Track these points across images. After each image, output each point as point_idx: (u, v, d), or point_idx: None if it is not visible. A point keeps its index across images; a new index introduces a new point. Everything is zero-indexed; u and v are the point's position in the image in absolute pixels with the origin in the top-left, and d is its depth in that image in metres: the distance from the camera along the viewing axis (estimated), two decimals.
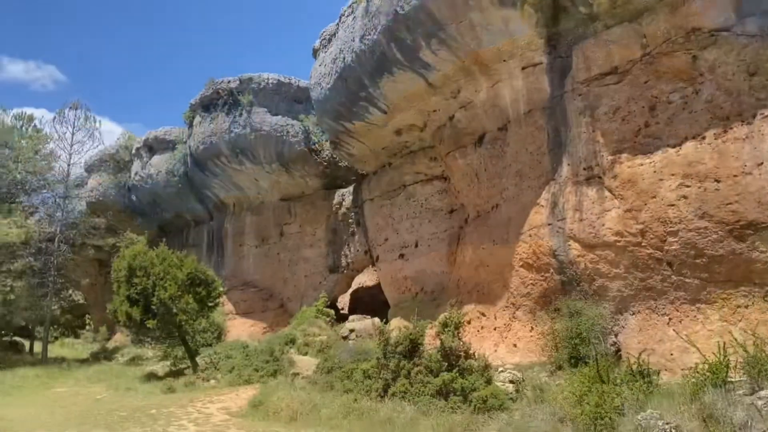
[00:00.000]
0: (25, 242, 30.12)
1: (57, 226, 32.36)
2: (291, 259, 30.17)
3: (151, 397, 17.09)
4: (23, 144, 33.75)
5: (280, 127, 27.43)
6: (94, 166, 37.18)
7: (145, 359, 27.61)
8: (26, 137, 34.26)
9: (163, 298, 19.35)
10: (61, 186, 33.64)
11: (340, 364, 15.95)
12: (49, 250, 31.76)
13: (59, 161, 34.14)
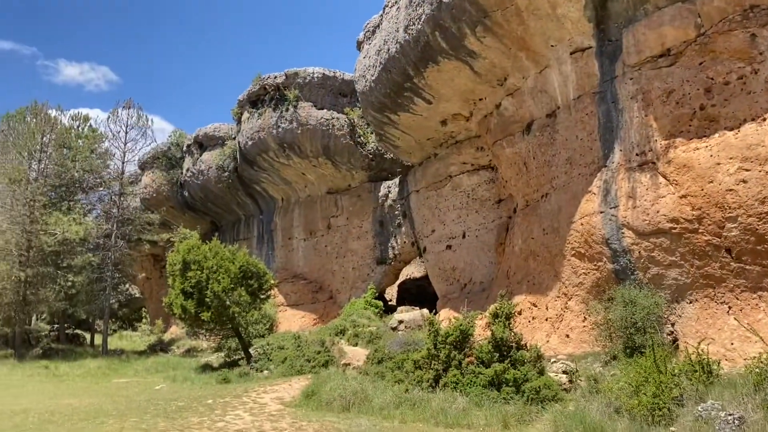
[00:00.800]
0: (84, 239, 31.27)
1: (113, 222, 33.48)
2: (338, 251, 30.44)
3: (207, 387, 17.53)
4: (80, 143, 35.05)
5: (325, 121, 27.64)
6: (147, 163, 38.24)
7: (200, 351, 28.36)
8: (83, 137, 35.55)
9: (216, 290, 19.78)
10: (117, 183, 34.79)
11: (390, 354, 16.04)
12: (107, 245, 32.90)
13: (114, 159, 35.36)
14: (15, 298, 29.03)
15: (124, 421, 11.99)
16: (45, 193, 31.59)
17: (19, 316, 29.81)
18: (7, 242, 28.93)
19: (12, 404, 15.87)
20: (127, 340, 40.19)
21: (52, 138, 32.94)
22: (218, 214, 37.69)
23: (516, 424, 10.40)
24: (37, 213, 30.08)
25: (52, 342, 32.90)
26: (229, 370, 19.80)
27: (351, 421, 11.11)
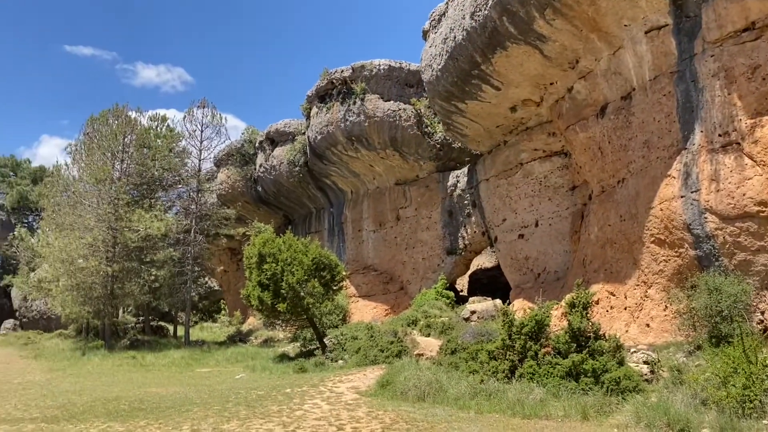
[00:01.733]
0: (165, 234, 32.70)
1: (192, 218, 34.83)
2: (408, 242, 30.52)
3: (285, 376, 17.99)
4: (159, 143, 36.53)
5: (392, 113, 27.70)
6: (222, 160, 39.49)
7: (276, 341, 29.11)
8: (161, 136, 37.04)
9: (291, 282, 20.23)
10: (194, 180, 36.13)
11: (463, 345, 15.99)
12: (186, 240, 34.27)
13: (191, 157, 36.69)
14: (103, 292, 30.70)
15: (208, 409, 12.49)
16: (128, 191, 33.17)
17: (107, 309, 31.51)
18: (95, 239, 30.58)
19: (105, 392, 16.83)
20: (208, 332, 41.72)
21: (133, 139, 34.50)
22: (290, 207, 38.51)
23: (596, 415, 10.18)
24: (121, 211, 31.62)
25: (138, 333, 34.59)
26: (306, 360, 20.23)
27: (426, 410, 11.16)
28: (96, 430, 10.94)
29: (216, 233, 37.96)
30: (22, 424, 12.10)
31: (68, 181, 35.00)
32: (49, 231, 34.88)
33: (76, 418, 12.41)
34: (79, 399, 15.53)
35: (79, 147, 35.15)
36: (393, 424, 10.14)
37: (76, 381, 20.51)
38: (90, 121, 34.99)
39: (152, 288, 33.72)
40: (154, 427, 10.90)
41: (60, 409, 14.05)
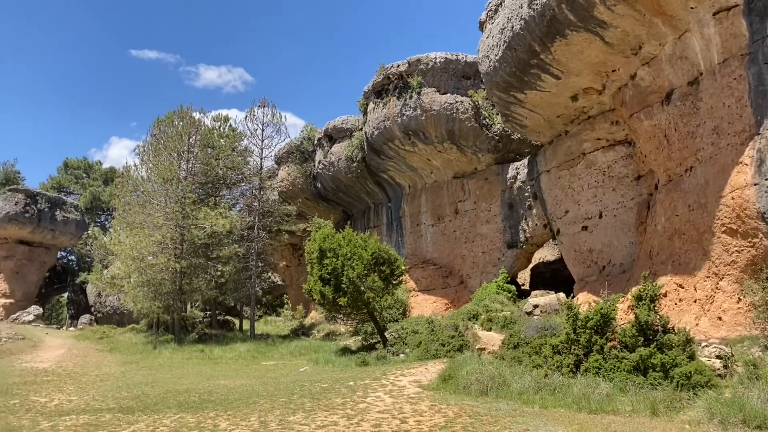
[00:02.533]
0: (229, 231, 33.65)
1: (255, 215, 35.71)
2: (467, 236, 30.31)
3: (347, 369, 18.23)
4: (222, 143, 37.57)
5: (449, 105, 27.52)
6: (282, 158, 40.21)
7: (338, 334, 29.50)
8: (224, 136, 38.09)
9: (351, 277, 20.45)
10: (256, 178, 37.04)
11: (526, 339, 15.81)
12: (250, 237, 35.16)
13: (253, 156, 37.61)
14: (173, 288, 31.84)
15: (274, 401, 12.81)
16: (193, 190, 34.25)
17: (176, 304, 32.68)
18: (164, 237, 31.74)
19: (176, 384, 17.48)
20: (272, 325, 42.66)
21: (198, 139, 35.60)
22: (349, 203, 38.87)
23: (665, 410, 9.89)
24: (188, 209, 32.70)
25: (205, 328, 35.69)
26: (367, 354, 20.43)
27: (490, 405, 11.11)
28: (169, 420, 11.37)
29: (278, 229, 38.76)
30: (100, 414, 12.72)
31: (137, 182, 36.42)
32: (121, 229, 36.38)
33: (150, 409, 12.95)
34: (152, 391, 16.19)
35: (147, 148, 36.51)
36: (456, 418, 10.15)
37: (148, 373, 21.38)
38: (156, 122, 36.29)
39: (218, 283, 34.76)
40: (223, 418, 11.26)
41: (134, 400, 14.70)
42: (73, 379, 20.77)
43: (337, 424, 10.14)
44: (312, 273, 22.21)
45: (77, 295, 51.78)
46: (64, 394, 16.71)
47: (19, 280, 52.23)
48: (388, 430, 9.66)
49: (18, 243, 52.07)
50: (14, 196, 50.73)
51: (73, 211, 55.30)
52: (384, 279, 21.60)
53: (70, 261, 66.94)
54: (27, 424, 11.94)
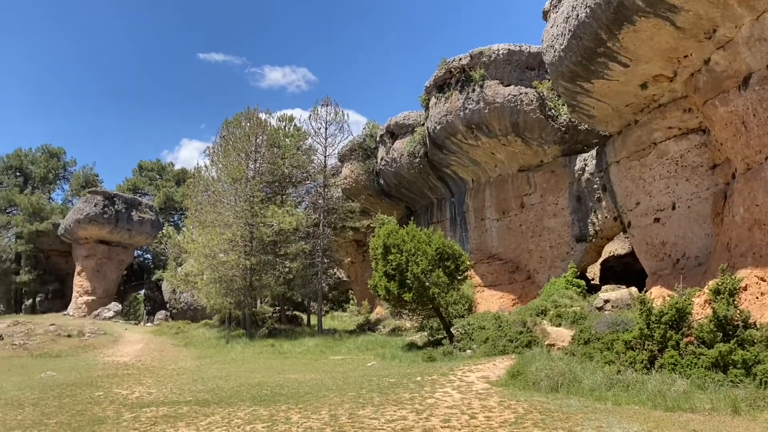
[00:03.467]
0: (296, 228, 34.37)
1: (320, 212, 36.32)
2: (534, 230, 29.79)
3: (414, 365, 18.29)
4: (287, 142, 38.36)
5: (513, 97, 27.10)
6: (345, 155, 40.66)
7: (403, 330, 29.63)
8: (289, 136, 38.89)
9: (416, 272, 20.48)
10: (321, 176, 37.68)
11: (597, 335, 15.45)
12: (316, 234, 35.79)
13: (317, 154, 38.25)
14: (243, 284, 32.81)
15: (344, 395, 13.01)
16: (261, 189, 35.16)
17: (247, 300, 33.65)
18: (234, 234, 32.73)
19: (249, 378, 18.01)
20: (338, 321, 43.26)
21: (264, 139, 36.50)
22: (412, 199, 38.90)
23: (748, 409, 9.47)
24: (256, 207, 33.60)
25: (275, 323, 36.59)
26: (433, 349, 20.43)
27: (560, 401, 10.92)
28: (243, 413, 11.73)
29: (342, 226, 39.28)
30: (178, 406, 13.25)
31: (208, 182, 37.66)
32: (193, 228, 37.73)
33: (224, 402, 13.40)
34: (226, 384, 16.74)
35: (217, 149, 37.71)
36: (526, 414, 10.03)
37: (222, 367, 22.12)
38: (225, 124, 37.44)
39: (286, 279, 35.57)
40: (294, 411, 11.52)
41: (210, 393, 15.23)
42: (151, 372, 21.73)
43: (406, 419, 10.21)
44: (377, 269, 22.36)
45: (153, 292, 54.00)
46: (144, 386, 17.50)
47: (100, 278, 54.94)
48: (458, 425, 9.65)
49: (98, 243, 54.79)
50: (93, 198, 53.40)
51: (148, 211, 57.69)
52: (449, 274, 21.53)
53: (146, 259, 69.99)
54: (111, 415, 12.57)
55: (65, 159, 68.68)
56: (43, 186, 65.34)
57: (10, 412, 13.31)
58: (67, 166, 68.64)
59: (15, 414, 13.11)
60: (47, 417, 12.57)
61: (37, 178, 65.16)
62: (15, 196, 59.91)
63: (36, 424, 11.72)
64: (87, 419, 12.13)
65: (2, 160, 64.56)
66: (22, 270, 57.80)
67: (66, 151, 68.90)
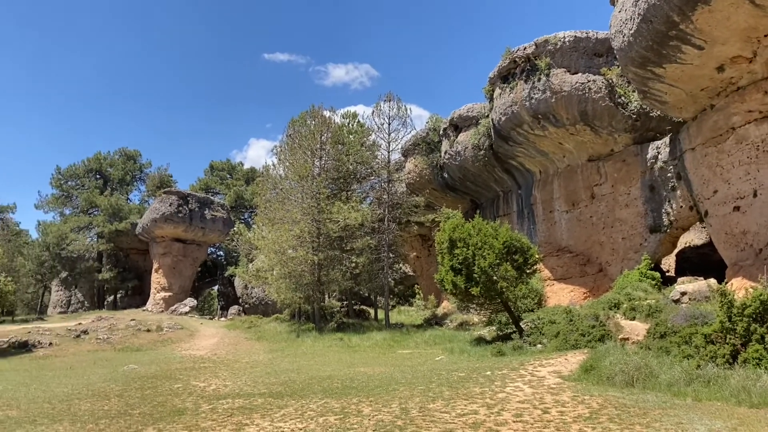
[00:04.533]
0: (361, 224, 34.74)
1: (384, 207, 36.55)
2: (605, 221, 28.96)
3: (483, 359, 18.20)
4: (351, 138, 38.75)
5: (580, 85, 26.39)
6: (409, 150, 40.68)
7: (471, 324, 29.46)
8: (353, 132, 39.25)
9: (483, 266, 20.32)
10: (385, 171, 37.88)
11: (674, 328, 14.93)
12: (381, 229, 36.05)
13: (380, 150, 38.49)
14: (312, 279, 33.45)
15: (413, 389, 13.09)
16: (327, 185, 35.74)
17: (316, 295, 34.29)
18: (302, 231, 33.39)
19: (319, 371, 18.38)
20: (405, 315, 43.45)
21: (329, 136, 37.04)
22: (477, 192, 38.53)
23: None
24: (322, 204, 34.17)
25: (343, 317, 37.12)
26: (503, 344, 20.25)
27: (637, 396, 10.63)
28: (315, 405, 12.00)
29: (407, 221, 39.39)
30: (253, 398, 13.68)
31: (276, 180, 38.58)
32: (263, 225, 38.74)
33: (297, 394, 13.73)
34: (298, 377, 17.14)
35: (283, 148, 38.58)
36: (601, 410, 9.82)
37: (293, 360, 22.65)
38: (291, 123, 38.23)
39: (353, 274, 36.01)
40: (365, 404, 11.69)
41: (282, 385, 15.64)
42: (226, 365, 22.49)
43: (477, 413, 10.18)
44: (443, 263, 22.31)
45: (226, 288, 55.76)
46: (220, 379, 18.14)
47: (176, 274, 57.19)
48: (530, 420, 9.56)
49: (173, 241, 57.06)
50: (168, 198, 55.66)
51: (219, 209, 59.61)
52: (517, 268, 21.25)
53: (219, 256, 72.35)
54: (190, 406, 13.11)
55: (141, 161, 71.94)
56: (121, 187, 68.61)
57: (98, 403, 14.09)
58: (143, 167, 71.87)
59: (102, 404, 13.86)
60: (131, 408, 13.22)
61: (115, 180, 68.48)
62: (96, 197, 63.17)
63: (121, 414, 12.36)
64: (168, 410, 12.69)
65: (83, 164, 68.19)
66: (104, 268, 60.89)
67: (141, 154, 72.15)
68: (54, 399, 14.73)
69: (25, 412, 12.82)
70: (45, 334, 33.46)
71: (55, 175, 67.10)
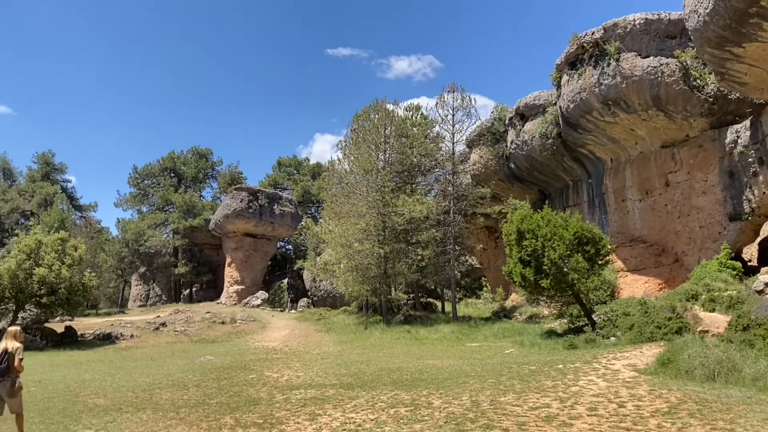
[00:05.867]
0: (426, 216, 34.72)
1: (450, 199, 36.39)
2: (680, 209, 27.83)
3: (554, 352, 17.88)
4: (415, 131, 38.71)
5: (653, 69, 25.41)
6: (473, 141, 40.30)
7: (541, 317, 29.00)
8: (416, 124, 39.20)
9: (553, 258, 19.96)
10: (449, 163, 37.71)
11: (758, 320, 14.25)
12: (446, 221, 35.93)
13: (445, 141, 38.28)
14: (378, 272, 33.72)
15: (483, 381, 13.02)
16: (391, 179, 35.86)
17: (382, 288, 34.56)
18: (367, 224, 33.70)
19: (388, 363, 18.53)
20: (472, 308, 43.19)
21: (392, 130, 37.12)
22: (545, 182, 37.78)
23: None
24: (387, 197, 34.33)
25: (410, 309, 37.26)
26: (574, 337, 19.83)
27: (719, 391, 10.22)
28: (385, 397, 12.11)
29: (473, 212, 39.07)
30: (324, 389, 13.94)
31: (341, 174, 39.03)
32: (329, 219, 39.32)
33: (367, 386, 13.90)
34: (367, 369, 17.33)
35: (348, 142, 38.97)
36: (680, 404, 9.50)
37: (362, 352, 22.91)
38: (355, 117, 38.59)
39: (419, 267, 36.05)
40: (435, 396, 11.72)
41: (353, 377, 15.87)
42: (297, 356, 23.00)
43: (549, 407, 10.04)
44: (511, 255, 22.05)
45: (295, 281, 56.93)
46: (292, 370, 18.57)
47: (248, 268, 58.88)
48: (605, 413, 9.34)
49: (245, 236, 58.76)
50: (239, 194, 57.34)
51: (288, 204, 60.94)
52: (589, 259, 20.76)
53: (288, 250, 73.98)
54: (264, 396, 13.49)
55: (212, 159, 74.28)
56: (194, 185, 71.19)
57: (177, 392, 14.70)
58: (214, 165, 74.30)
59: (181, 394, 14.46)
60: (208, 397, 13.73)
61: (188, 178, 71.10)
62: (171, 195, 65.79)
63: (199, 404, 12.86)
64: (243, 400, 13.11)
65: (159, 163, 71.14)
66: (180, 263, 63.37)
67: (213, 152, 74.52)
68: (137, 388, 15.48)
69: (111, 401, 13.53)
70: (126, 326, 35.20)
71: (133, 175, 70.35)
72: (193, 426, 10.35)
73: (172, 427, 10.29)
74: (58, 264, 29.67)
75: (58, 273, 29.29)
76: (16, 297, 29.21)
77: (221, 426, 10.21)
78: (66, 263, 30.19)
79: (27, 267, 29.10)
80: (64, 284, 29.43)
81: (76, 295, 30.37)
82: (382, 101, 37.66)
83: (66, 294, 29.58)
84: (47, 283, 29.03)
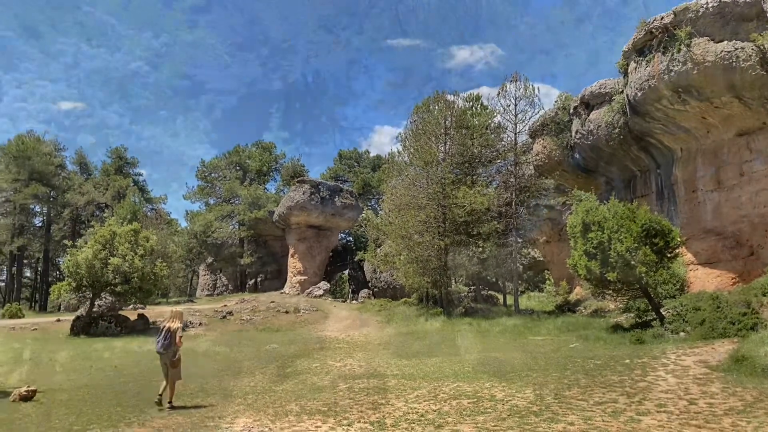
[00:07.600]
0: (488, 208, 34.43)
1: (512, 191, 35.96)
2: (756, 201, 26.53)
3: (621, 347, 17.47)
4: (475, 122, 38.38)
5: (726, 54, 24.26)
6: (536, 131, 39.54)
7: (606, 311, 28.34)
8: (477, 115, 38.84)
9: (619, 251, 19.46)
10: (511, 154, 37.23)
11: None
12: (508, 213, 35.54)
13: (506, 132, 37.79)
14: (438, 264, 33.73)
15: (547, 375, 12.89)
16: (452, 170, 35.69)
17: (443, 279, 34.53)
18: (428, 216, 33.72)
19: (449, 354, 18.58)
20: (535, 301, 42.63)
21: (453, 121, 36.90)
22: (611, 172, 36.72)
23: None
24: (448, 189, 34.22)
25: (470, 302, 37.08)
26: (642, 331, 19.31)
27: None
28: (448, 388, 12.17)
29: (536, 204, 38.43)
30: (387, 379, 14.12)
31: (401, 166, 39.12)
32: (390, 211, 39.50)
33: (429, 377, 14.01)
34: (429, 360, 17.46)
35: (407, 134, 38.99)
36: (756, 402, 9.15)
37: (423, 344, 23.04)
38: (415, 109, 38.58)
39: (480, 259, 35.81)
40: (498, 389, 11.70)
41: (414, 367, 16.01)
42: (359, 346, 23.32)
43: (616, 402, 9.86)
44: (576, 248, 21.63)
45: (356, 272, 57.51)
46: (354, 359, 18.87)
47: (310, 259, 59.91)
48: (675, 410, 9.10)
49: (307, 227, 59.80)
50: (302, 187, 58.40)
51: (348, 196, 61.59)
52: (657, 252, 20.13)
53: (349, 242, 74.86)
54: (328, 384, 13.79)
55: (276, 153, 75.84)
56: (258, 178, 72.92)
57: (245, 379, 15.20)
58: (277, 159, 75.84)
59: (248, 380, 14.94)
60: (274, 384, 14.15)
61: (253, 171, 72.91)
62: (237, 187, 67.58)
63: (266, 391, 13.26)
64: (308, 387, 13.44)
65: (225, 157, 73.26)
66: (245, 253, 65.09)
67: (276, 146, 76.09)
68: (207, 375, 16.08)
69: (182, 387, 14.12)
70: (195, 314, 36.46)
71: (201, 168, 72.65)
72: (260, 412, 10.69)
73: (240, 413, 10.66)
74: (131, 254, 31.00)
75: (131, 263, 30.60)
76: (92, 285, 30.69)
77: (287, 412, 10.51)
78: (138, 253, 31.49)
79: (102, 257, 30.52)
80: (136, 273, 30.73)
81: (147, 284, 31.66)
82: (443, 93, 37.53)
83: (138, 283, 30.89)
84: (121, 273, 30.38)
